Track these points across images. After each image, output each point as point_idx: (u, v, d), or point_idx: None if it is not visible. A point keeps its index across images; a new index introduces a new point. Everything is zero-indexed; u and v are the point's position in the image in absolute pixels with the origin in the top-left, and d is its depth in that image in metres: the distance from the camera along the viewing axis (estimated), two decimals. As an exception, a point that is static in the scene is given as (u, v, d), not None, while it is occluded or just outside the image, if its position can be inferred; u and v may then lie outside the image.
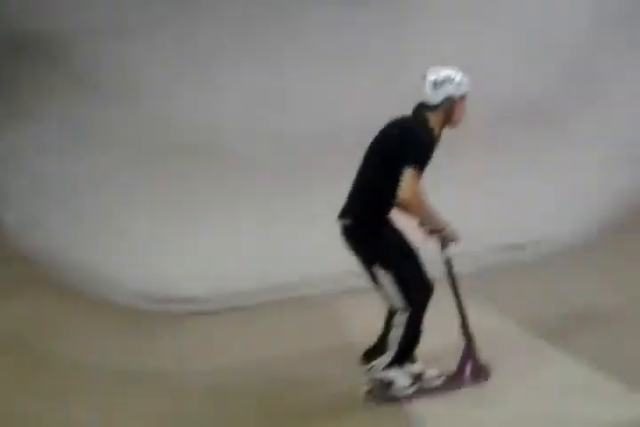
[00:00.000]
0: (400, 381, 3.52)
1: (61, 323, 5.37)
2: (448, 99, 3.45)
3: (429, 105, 3.48)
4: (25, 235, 6.46)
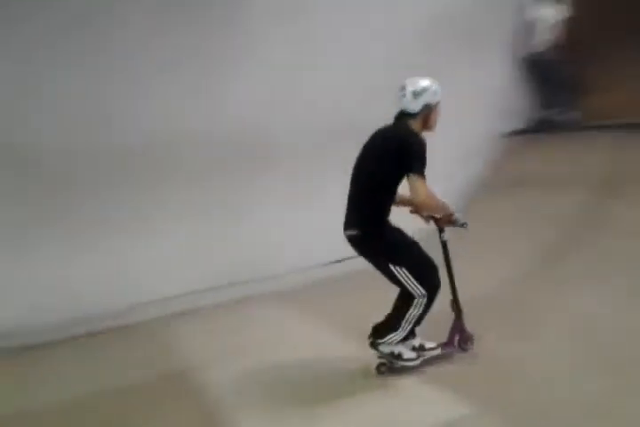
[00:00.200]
0: (407, 354, 3.96)
1: None
2: (426, 106, 3.90)
3: (410, 113, 3.91)
4: None
